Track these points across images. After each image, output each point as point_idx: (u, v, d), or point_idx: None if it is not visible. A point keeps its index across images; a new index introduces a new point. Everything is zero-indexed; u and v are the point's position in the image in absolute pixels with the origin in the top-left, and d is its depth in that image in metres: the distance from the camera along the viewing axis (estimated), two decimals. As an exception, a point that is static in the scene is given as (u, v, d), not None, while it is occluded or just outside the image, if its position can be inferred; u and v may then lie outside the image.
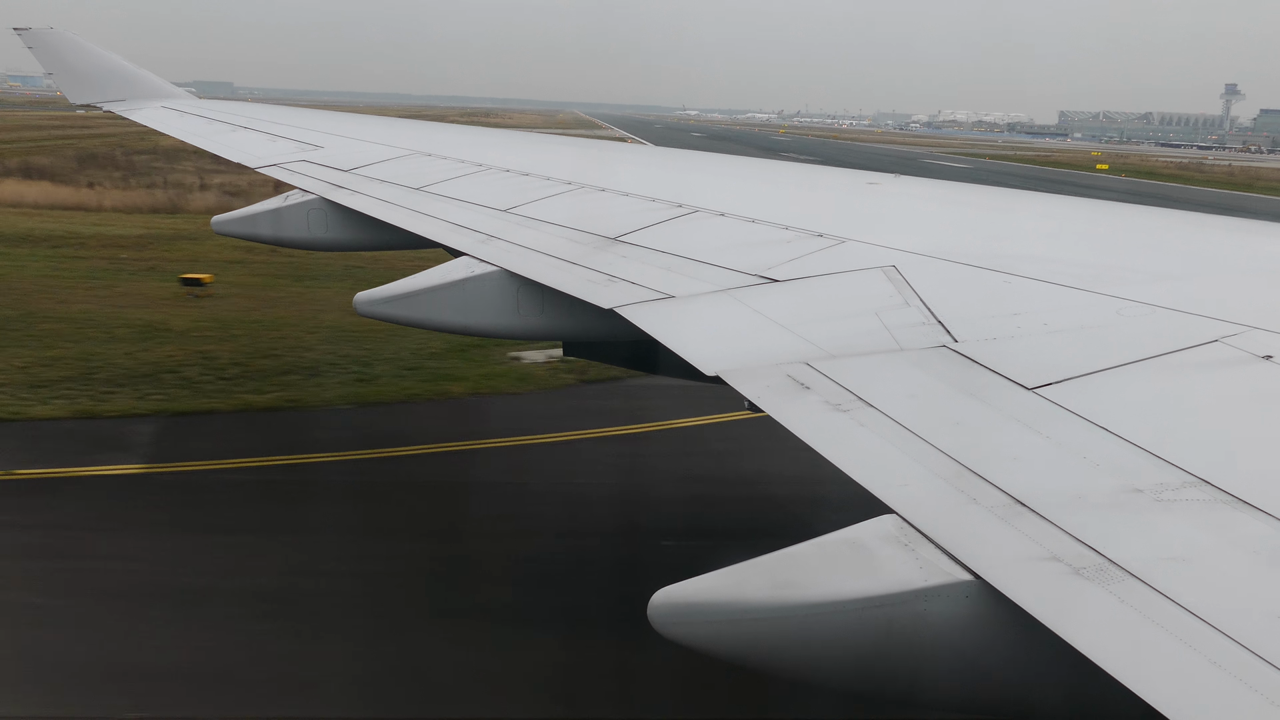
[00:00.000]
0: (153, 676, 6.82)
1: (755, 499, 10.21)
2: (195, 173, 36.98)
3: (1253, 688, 1.81)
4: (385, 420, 12.46)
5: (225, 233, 9.62)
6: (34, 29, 15.89)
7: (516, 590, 8.17)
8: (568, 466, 11.18)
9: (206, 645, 7.16)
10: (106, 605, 7.69)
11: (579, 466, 11.20)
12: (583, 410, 12.79)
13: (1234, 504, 2.34)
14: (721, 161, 10.51)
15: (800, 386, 3.37)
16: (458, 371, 14.05)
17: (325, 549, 8.67)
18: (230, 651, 7.11)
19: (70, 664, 6.89)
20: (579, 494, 10.37)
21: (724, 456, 11.42)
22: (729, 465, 11.16)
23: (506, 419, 12.66)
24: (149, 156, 43.62)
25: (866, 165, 20.69)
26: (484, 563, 8.67)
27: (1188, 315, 3.50)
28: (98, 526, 9.20)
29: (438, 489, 10.36)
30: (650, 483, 10.79)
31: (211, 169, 35.46)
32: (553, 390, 13.63)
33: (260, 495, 9.99)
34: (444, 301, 5.63)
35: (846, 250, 4.81)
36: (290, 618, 7.62)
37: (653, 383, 12.35)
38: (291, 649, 7.24)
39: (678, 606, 2.54)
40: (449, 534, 9.32)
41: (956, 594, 2.29)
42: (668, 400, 12.64)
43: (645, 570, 7.85)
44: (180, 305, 17.25)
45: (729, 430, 11.87)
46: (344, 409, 12.64)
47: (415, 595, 8.03)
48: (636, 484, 10.77)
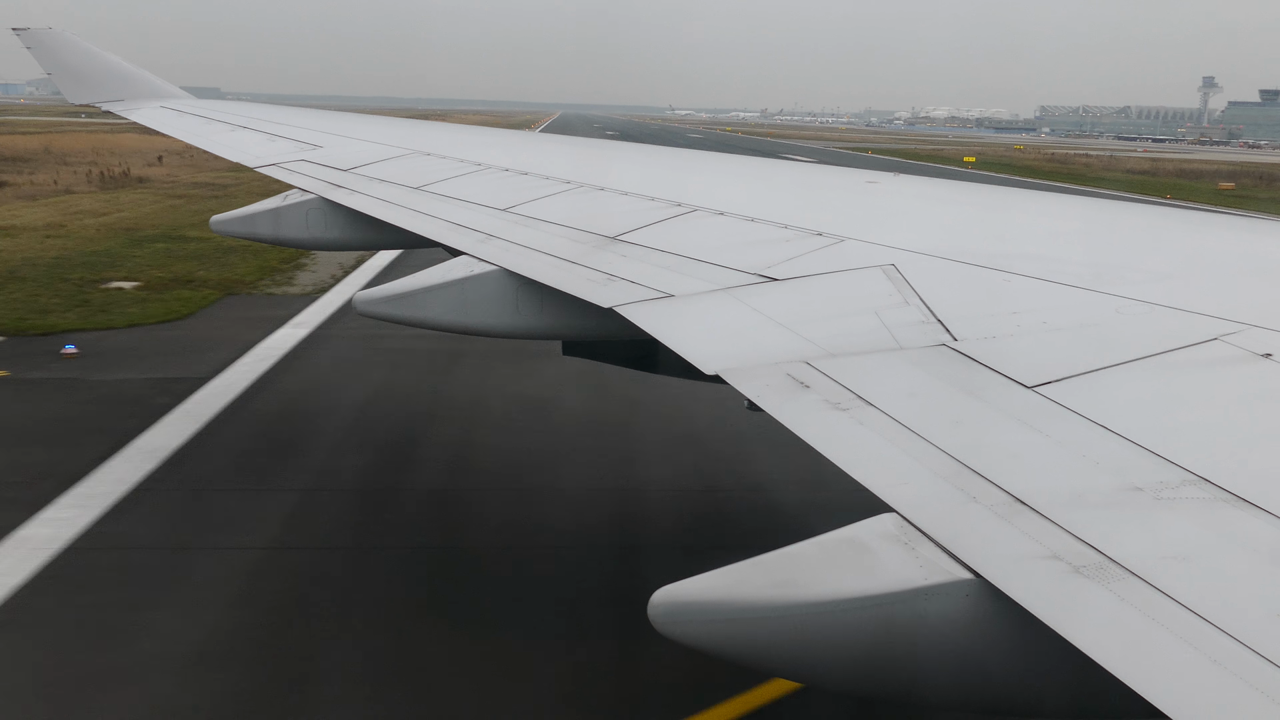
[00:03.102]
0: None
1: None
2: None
3: (1253, 686, 1.81)
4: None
5: (224, 232, 9.61)
6: (32, 29, 15.88)
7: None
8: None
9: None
10: None
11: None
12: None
13: (1234, 502, 2.34)
14: (721, 161, 10.52)
15: (800, 385, 3.37)
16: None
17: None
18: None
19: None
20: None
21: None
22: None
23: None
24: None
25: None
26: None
27: (1187, 313, 3.49)
28: None
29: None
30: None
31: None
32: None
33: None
34: (443, 301, 5.62)
35: (846, 249, 4.81)
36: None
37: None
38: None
39: (677, 605, 2.54)
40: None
41: (956, 592, 2.29)
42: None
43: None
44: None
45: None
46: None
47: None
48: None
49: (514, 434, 12.23)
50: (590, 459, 11.57)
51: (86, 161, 47.37)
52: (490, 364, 15.17)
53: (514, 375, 14.67)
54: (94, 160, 48.00)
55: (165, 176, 43.49)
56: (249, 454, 11.37)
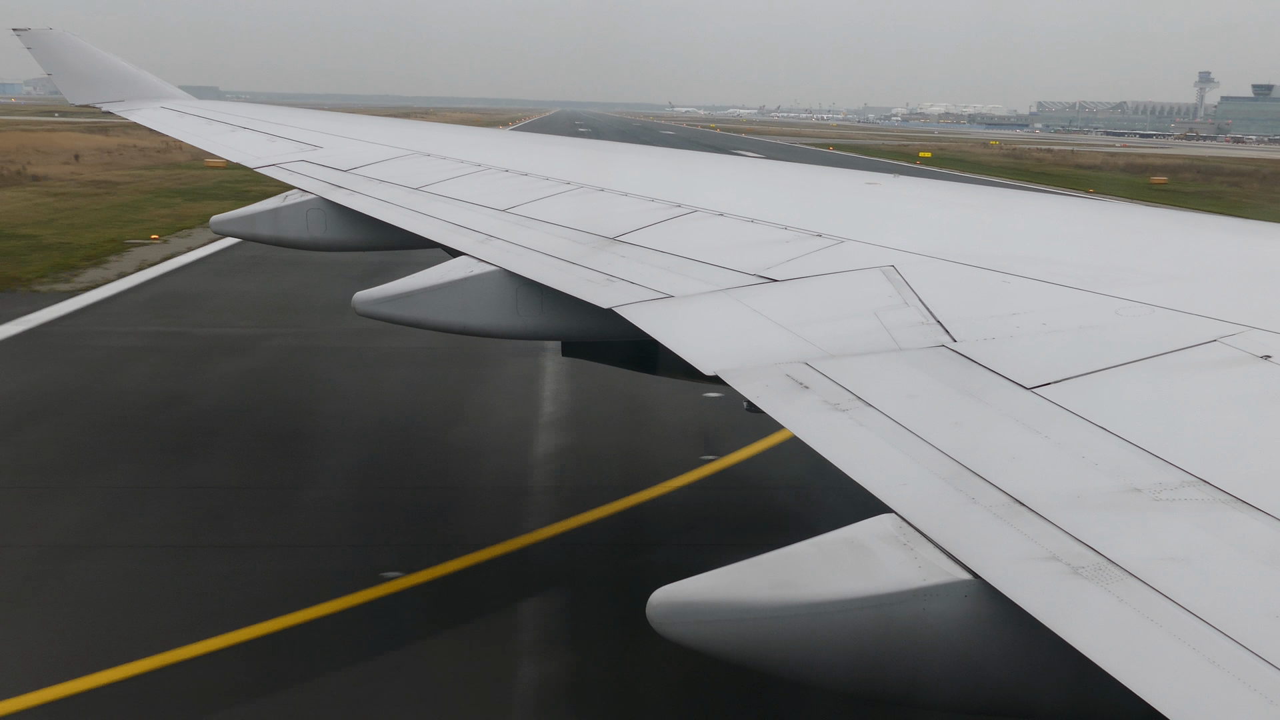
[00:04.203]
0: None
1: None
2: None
3: (1252, 687, 1.81)
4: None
5: (223, 232, 9.62)
6: (33, 30, 15.88)
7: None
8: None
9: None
10: None
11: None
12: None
13: (1233, 503, 2.35)
14: (721, 162, 10.52)
15: (799, 386, 3.37)
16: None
17: None
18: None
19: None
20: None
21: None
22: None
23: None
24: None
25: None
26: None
27: (1186, 315, 3.50)
28: None
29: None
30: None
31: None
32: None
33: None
34: (443, 301, 5.63)
35: (845, 250, 4.81)
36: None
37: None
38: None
39: (676, 606, 2.54)
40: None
41: (955, 593, 2.29)
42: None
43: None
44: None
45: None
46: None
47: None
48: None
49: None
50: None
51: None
52: (178, 361, 14.85)
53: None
54: (10, 159, 46.97)
55: (68, 175, 42.81)
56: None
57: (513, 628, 7.37)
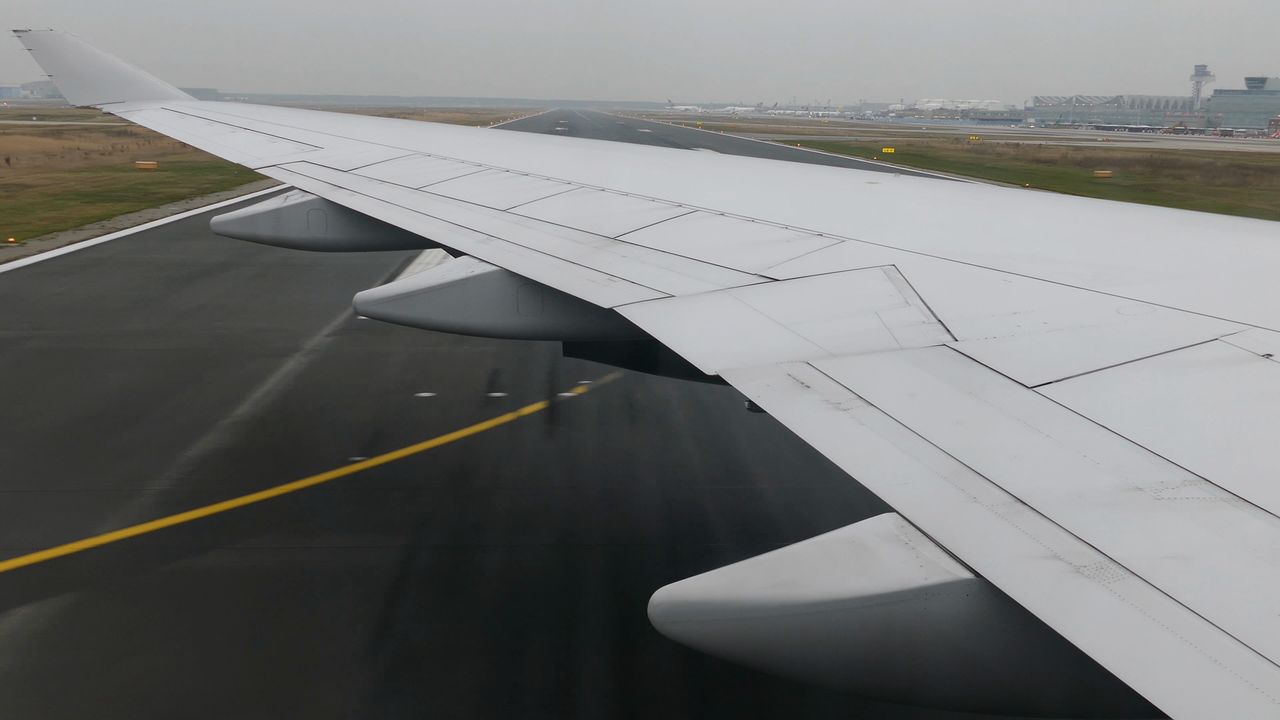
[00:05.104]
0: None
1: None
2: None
3: (1253, 685, 1.81)
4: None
5: (224, 233, 9.61)
6: (34, 31, 15.89)
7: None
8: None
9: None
10: None
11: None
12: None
13: (1234, 502, 2.34)
14: (721, 161, 10.52)
15: (800, 385, 3.37)
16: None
17: None
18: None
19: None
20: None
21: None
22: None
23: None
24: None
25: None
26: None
27: (1187, 314, 3.49)
28: None
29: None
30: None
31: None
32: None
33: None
34: (444, 301, 5.63)
35: (846, 249, 4.81)
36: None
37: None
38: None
39: (677, 605, 2.54)
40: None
41: (957, 592, 2.28)
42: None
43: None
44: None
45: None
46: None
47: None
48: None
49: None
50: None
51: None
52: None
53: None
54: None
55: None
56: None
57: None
